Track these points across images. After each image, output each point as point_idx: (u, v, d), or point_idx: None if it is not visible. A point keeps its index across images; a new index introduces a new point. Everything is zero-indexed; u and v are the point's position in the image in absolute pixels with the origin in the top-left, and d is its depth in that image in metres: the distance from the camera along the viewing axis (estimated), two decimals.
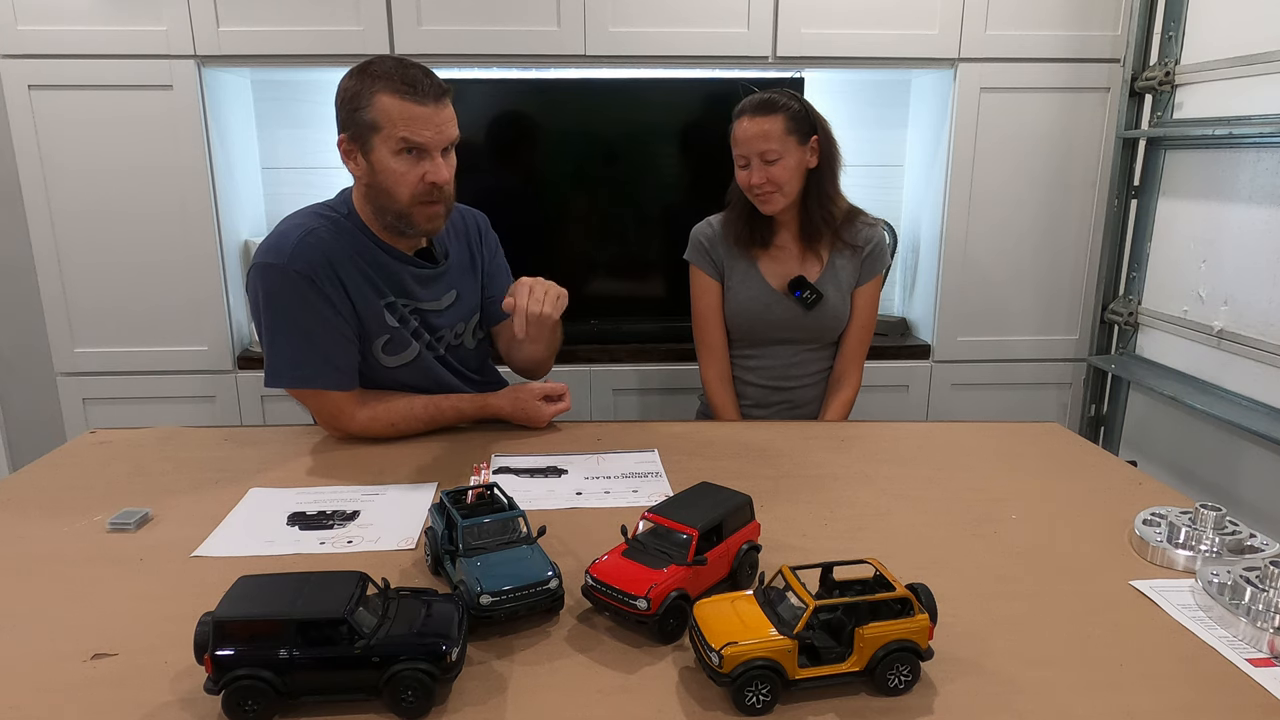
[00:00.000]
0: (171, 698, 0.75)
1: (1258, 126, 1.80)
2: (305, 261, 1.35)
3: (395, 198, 1.37)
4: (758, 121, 1.64)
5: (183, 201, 2.14)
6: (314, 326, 1.38)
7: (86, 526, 1.09)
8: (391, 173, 1.35)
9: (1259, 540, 1.01)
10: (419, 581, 0.95)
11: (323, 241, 1.38)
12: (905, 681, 0.75)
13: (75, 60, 2.05)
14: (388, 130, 1.32)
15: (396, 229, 1.42)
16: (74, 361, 2.21)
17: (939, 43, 2.18)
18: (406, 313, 1.47)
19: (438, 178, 1.35)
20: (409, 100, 1.31)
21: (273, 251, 1.37)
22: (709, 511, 0.90)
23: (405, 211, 1.38)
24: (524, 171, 2.40)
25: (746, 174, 1.67)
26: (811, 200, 1.72)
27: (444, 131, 1.35)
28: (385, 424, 1.43)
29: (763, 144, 1.63)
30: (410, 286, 1.47)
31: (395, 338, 1.45)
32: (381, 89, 1.31)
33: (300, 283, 1.35)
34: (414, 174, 1.35)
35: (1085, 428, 2.39)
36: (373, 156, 1.35)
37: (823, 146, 1.69)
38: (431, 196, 1.37)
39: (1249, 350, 1.86)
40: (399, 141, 1.32)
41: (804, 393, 1.82)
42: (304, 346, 1.38)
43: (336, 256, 1.39)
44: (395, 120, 1.31)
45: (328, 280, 1.37)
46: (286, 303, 1.37)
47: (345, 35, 2.09)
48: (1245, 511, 1.87)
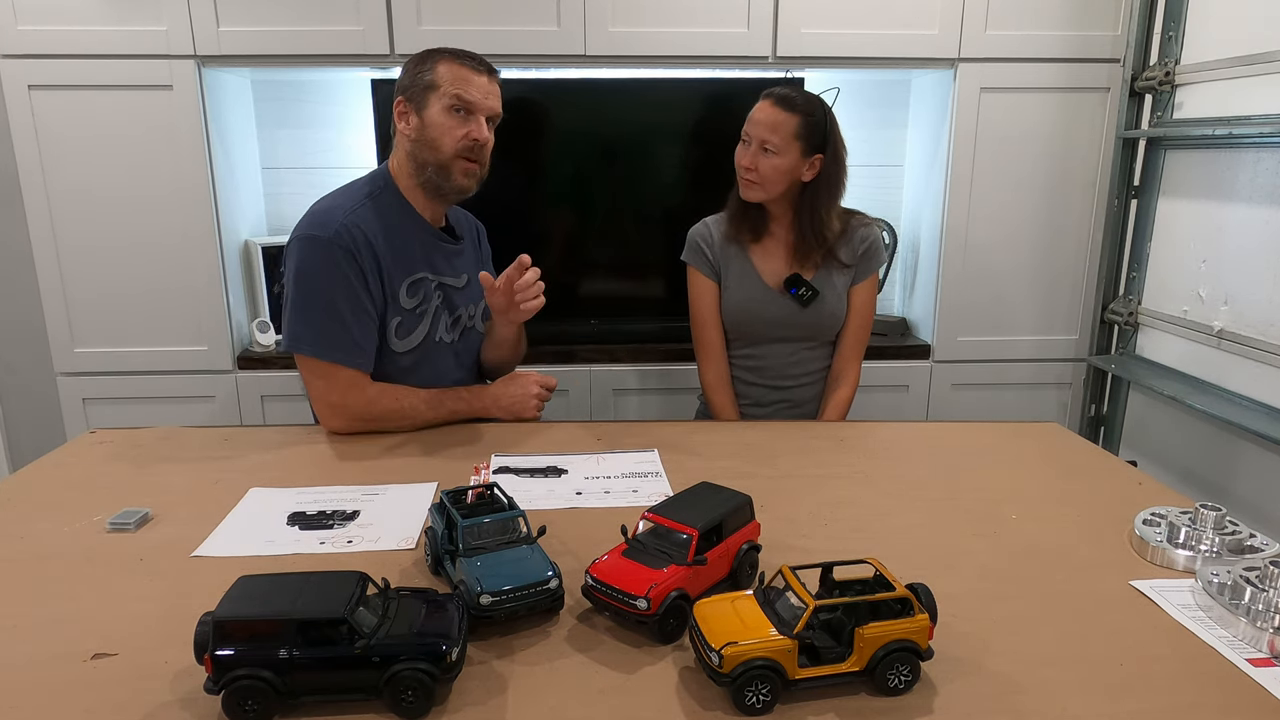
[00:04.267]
0: (171, 698, 0.74)
1: (1258, 126, 1.80)
2: (348, 236, 1.43)
3: (440, 149, 1.47)
4: (775, 110, 1.65)
5: (183, 202, 2.14)
6: (345, 303, 1.44)
7: (86, 526, 1.09)
8: (440, 126, 1.47)
9: (1259, 540, 1.01)
10: (419, 581, 0.95)
11: (367, 220, 1.46)
12: (905, 681, 0.75)
13: (75, 60, 2.05)
14: (444, 89, 1.46)
15: (434, 185, 1.51)
16: (74, 361, 2.21)
17: (939, 43, 2.18)
18: (431, 289, 1.54)
19: (480, 135, 1.49)
20: (466, 67, 1.48)
21: (319, 224, 1.44)
22: (709, 511, 0.90)
23: (446, 164, 1.48)
24: (524, 171, 2.40)
25: (742, 152, 1.69)
26: (804, 214, 1.72)
27: (491, 100, 1.50)
28: (391, 397, 1.46)
29: (768, 133, 1.64)
30: (436, 259, 1.56)
31: (406, 320, 1.51)
32: (443, 58, 1.48)
33: (343, 258, 1.42)
34: (460, 129, 1.47)
35: (1085, 428, 2.39)
36: (425, 113, 1.47)
37: (824, 166, 1.69)
38: (472, 154, 1.49)
39: (1249, 350, 1.86)
40: (453, 99, 1.46)
41: (802, 391, 1.82)
42: (332, 320, 1.44)
43: (377, 232, 1.46)
44: (452, 80, 1.46)
45: (368, 258, 1.44)
46: (325, 275, 1.43)
47: (345, 35, 2.09)
48: (1245, 511, 1.87)
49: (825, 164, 1.69)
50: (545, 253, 2.43)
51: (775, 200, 1.71)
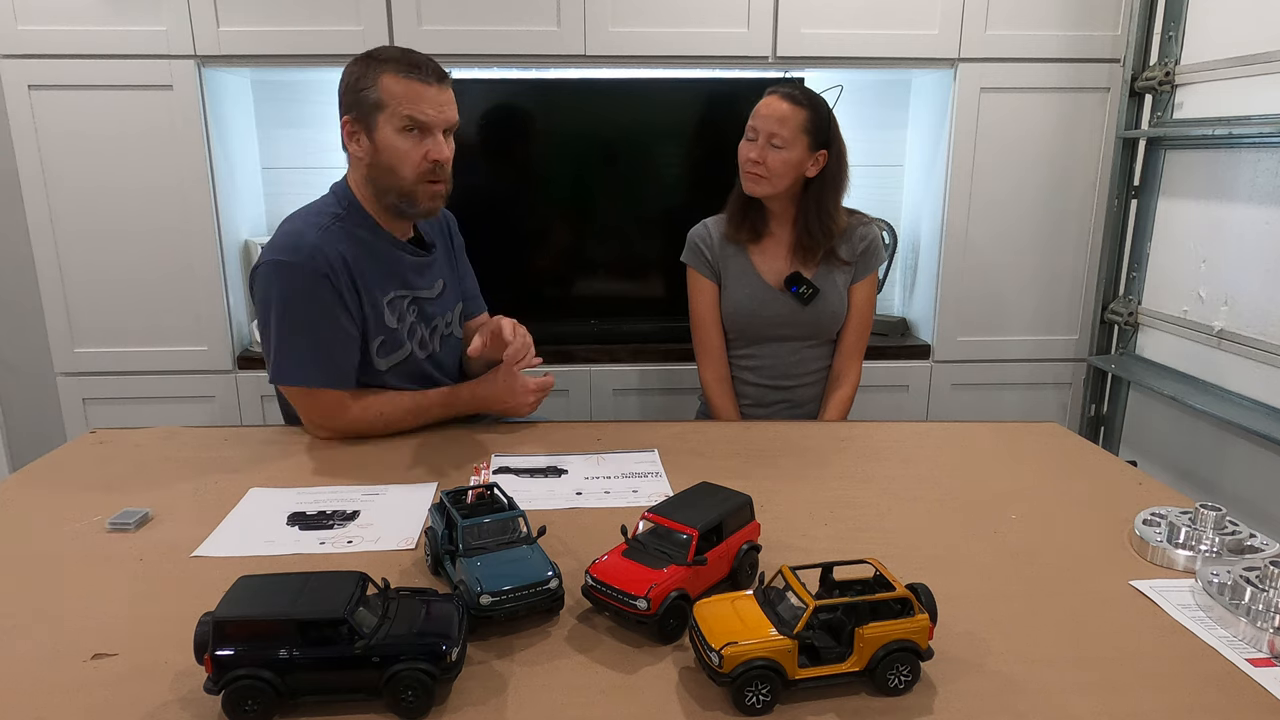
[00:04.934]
0: (171, 698, 0.74)
1: (1258, 126, 1.80)
2: (322, 259, 1.37)
3: (399, 175, 1.39)
4: (782, 104, 1.66)
5: (183, 201, 2.14)
6: (323, 326, 1.39)
7: (86, 526, 1.09)
8: (395, 150, 1.37)
9: (1259, 540, 1.01)
10: (419, 581, 0.95)
11: (336, 240, 1.40)
12: (905, 681, 0.75)
13: (75, 60, 2.05)
14: (392, 108, 1.35)
15: (398, 209, 1.43)
16: (74, 361, 2.21)
17: (939, 43, 2.18)
18: (405, 306, 1.48)
19: (440, 155, 1.38)
20: (414, 79, 1.35)
21: (288, 249, 1.37)
22: (709, 511, 0.90)
23: (409, 190, 1.40)
24: (524, 171, 2.40)
25: (748, 147, 1.69)
26: (809, 210, 1.72)
27: (446, 112, 1.38)
28: (375, 413, 1.43)
29: (776, 126, 1.65)
30: (408, 275, 1.49)
31: (389, 339, 1.46)
32: (386, 70, 1.35)
33: (317, 282, 1.36)
34: (417, 152, 1.37)
35: (1085, 428, 2.39)
36: (376, 135, 1.38)
37: (828, 164, 1.71)
38: (434, 175, 1.40)
39: (1249, 350, 1.86)
40: (404, 119, 1.35)
41: (803, 391, 1.82)
42: (312, 346, 1.39)
43: (349, 254, 1.40)
44: (400, 98, 1.35)
45: (342, 278, 1.39)
46: (302, 301, 1.37)
47: (345, 35, 2.09)
48: (1245, 511, 1.87)
49: (829, 160, 1.70)
50: (544, 253, 2.44)
51: (778, 197, 1.72)
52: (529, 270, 2.42)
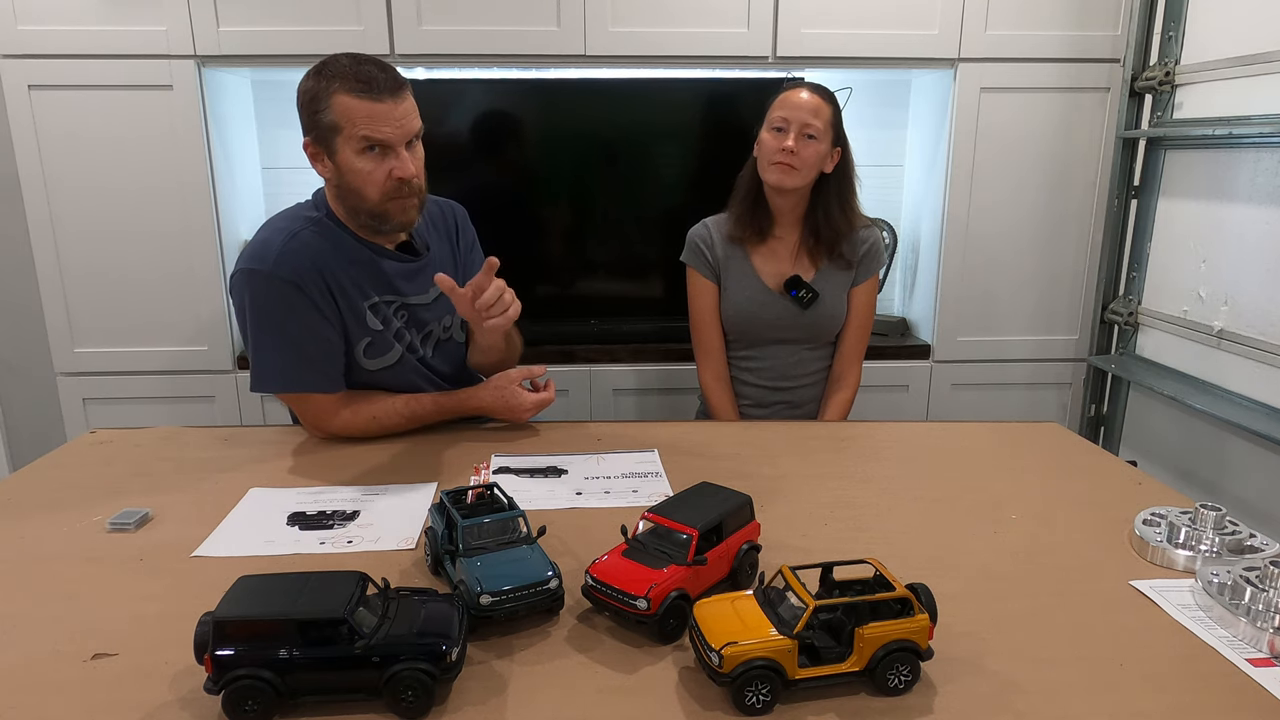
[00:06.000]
0: (171, 698, 0.74)
1: (1258, 126, 1.80)
2: (290, 267, 1.35)
3: (365, 197, 1.36)
4: (814, 98, 1.68)
5: (183, 201, 2.14)
6: (300, 332, 1.37)
7: (86, 526, 1.09)
8: (358, 173, 1.34)
9: (1259, 540, 1.01)
10: (419, 581, 0.95)
11: (307, 245, 1.38)
12: (905, 681, 0.75)
13: (75, 60, 2.05)
14: (349, 130, 1.31)
15: (372, 227, 1.42)
16: (74, 361, 2.21)
17: (939, 43, 2.18)
18: (391, 312, 1.46)
19: (404, 173, 1.34)
20: (366, 98, 1.29)
21: (257, 258, 1.36)
22: (709, 511, 0.90)
23: (378, 210, 1.37)
24: (523, 171, 2.40)
25: (779, 138, 1.66)
26: (826, 206, 1.73)
27: (404, 126, 1.33)
28: (366, 417, 1.42)
29: (811, 117, 1.65)
30: (396, 282, 1.47)
31: (377, 341, 1.45)
32: (338, 89, 1.30)
33: (286, 289, 1.35)
34: (380, 172, 1.34)
35: (1085, 428, 2.39)
36: (338, 158, 1.35)
37: (840, 160, 1.72)
38: (401, 192, 1.36)
39: (1249, 350, 1.86)
40: (361, 141, 1.31)
41: (803, 393, 1.82)
42: (290, 352, 1.38)
43: (321, 259, 1.38)
44: (355, 119, 1.30)
45: (313, 285, 1.37)
46: (272, 309, 1.36)
47: (345, 35, 2.09)
48: (1245, 511, 1.87)
49: (841, 157, 1.72)
50: (544, 253, 2.44)
51: (794, 193, 1.71)
52: (529, 270, 2.42)
